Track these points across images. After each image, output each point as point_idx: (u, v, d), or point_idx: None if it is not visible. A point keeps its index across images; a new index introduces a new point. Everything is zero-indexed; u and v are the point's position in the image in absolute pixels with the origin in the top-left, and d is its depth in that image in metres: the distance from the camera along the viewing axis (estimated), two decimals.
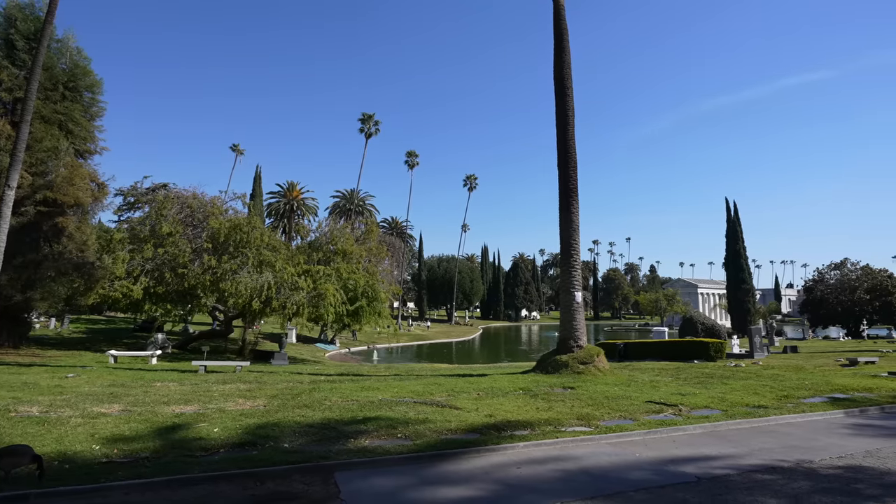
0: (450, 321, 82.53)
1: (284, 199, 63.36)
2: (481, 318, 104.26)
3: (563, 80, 17.66)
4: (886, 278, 49.52)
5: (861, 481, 6.17)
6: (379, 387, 12.89)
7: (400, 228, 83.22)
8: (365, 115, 62.14)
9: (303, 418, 8.73)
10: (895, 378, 15.82)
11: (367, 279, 25.19)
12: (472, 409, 9.83)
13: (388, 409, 9.71)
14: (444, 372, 19.06)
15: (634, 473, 6.41)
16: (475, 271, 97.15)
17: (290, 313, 22.03)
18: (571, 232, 16.62)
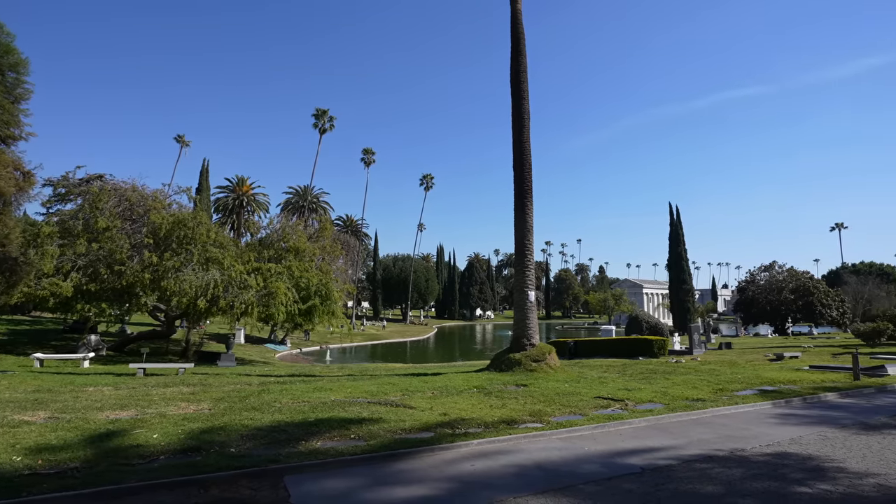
0: (405, 320, 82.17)
1: (233, 194, 60.86)
2: (436, 317, 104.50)
3: (519, 84, 17.97)
4: (808, 280, 53.84)
5: (787, 466, 6.66)
6: (332, 387, 12.63)
7: (355, 227, 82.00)
8: (319, 111, 60.71)
9: (251, 421, 8.40)
10: (816, 371, 17.23)
11: (321, 278, 24.61)
12: (426, 408, 9.81)
13: (342, 409, 9.52)
14: (399, 371, 18.94)
15: (584, 467, 6.61)
16: (431, 271, 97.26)
17: (238, 313, 21.16)
18: (526, 233, 16.95)
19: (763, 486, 5.81)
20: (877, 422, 9.64)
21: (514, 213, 17.36)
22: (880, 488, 5.77)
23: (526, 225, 17.01)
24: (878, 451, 7.45)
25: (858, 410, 10.91)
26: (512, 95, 18.11)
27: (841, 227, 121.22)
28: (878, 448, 7.60)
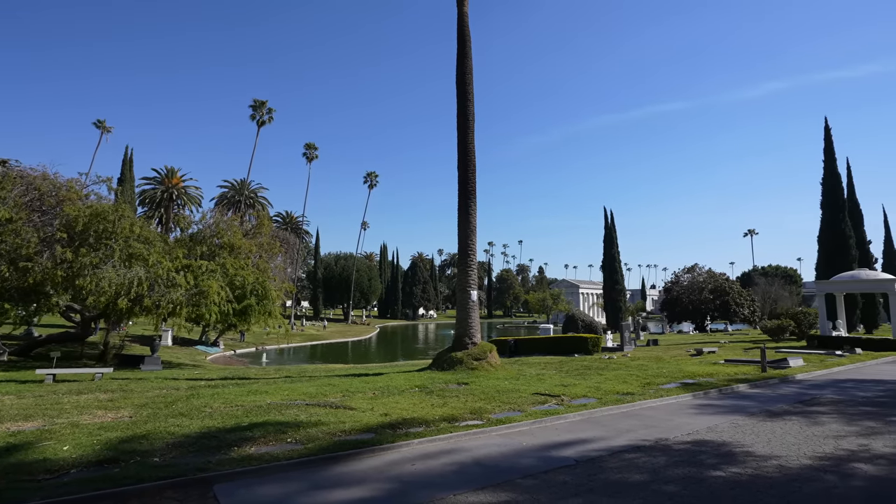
0: (346, 320, 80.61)
1: (162, 186, 56.95)
2: (379, 317, 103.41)
3: (464, 86, 18.17)
4: (724, 281, 58.56)
5: (704, 453, 7.20)
6: (268, 390, 12.14)
7: (295, 223, 79.40)
8: (257, 102, 58.11)
9: (178, 428, 7.90)
10: (730, 365, 18.77)
11: (258, 276, 23.58)
12: (367, 409, 9.68)
13: (278, 413, 9.18)
14: (340, 372, 18.55)
15: (522, 461, 6.80)
16: (374, 270, 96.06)
17: (165, 313, 19.77)
18: (469, 233, 17.16)
19: (683, 473, 6.25)
20: (779, 409, 10.66)
21: (457, 213, 17.53)
22: (781, 469, 6.39)
23: (469, 225, 17.23)
24: (780, 435, 8.24)
25: (765, 399, 12.01)
26: (457, 97, 18.27)
27: (753, 234, 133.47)
28: (780, 433, 8.40)
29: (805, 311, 36.73)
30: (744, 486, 5.76)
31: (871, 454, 7.13)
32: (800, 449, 7.36)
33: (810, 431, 8.52)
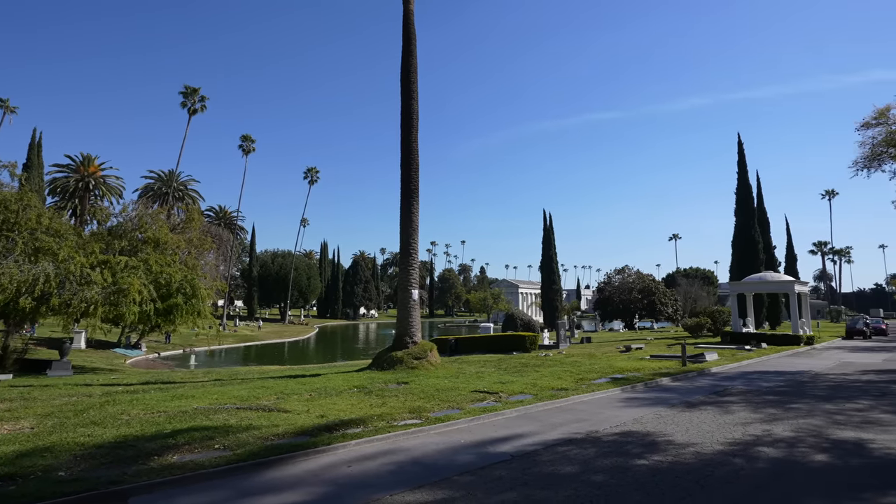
0: (283, 320, 77.75)
1: (77, 174, 52.15)
2: (318, 316, 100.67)
3: (409, 84, 18.08)
4: (651, 282, 62.50)
5: (630, 443, 7.62)
6: (194, 394, 11.43)
7: (229, 219, 75.48)
8: (188, 89, 54.57)
9: (89, 438, 7.23)
10: (655, 360, 20.04)
11: (186, 273, 22.13)
12: (302, 411, 9.38)
13: (205, 418, 8.66)
14: (274, 374, 17.84)
15: (460, 458, 6.85)
16: (313, 268, 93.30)
17: (77, 313, 18.07)
18: (411, 232, 17.10)
19: (611, 463, 6.58)
20: (696, 400, 11.51)
21: (400, 212, 17.42)
22: (697, 455, 6.89)
23: (412, 224, 17.17)
24: (697, 424, 8.89)
25: (684, 391, 12.92)
26: (402, 95, 18.15)
27: (677, 238, 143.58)
28: (697, 422, 9.07)
29: (720, 310, 39.95)
30: (665, 472, 6.15)
31: (773, 438, 7.87)
32: (713, 436, 7.98)
33: (722, 420, 9.26)
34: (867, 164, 19.35)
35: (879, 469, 6.41)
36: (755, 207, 48.88)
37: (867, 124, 19.36)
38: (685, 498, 5.32)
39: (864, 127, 19.49)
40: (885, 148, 18.96)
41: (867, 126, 19.38)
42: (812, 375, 16.19)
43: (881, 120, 18.97)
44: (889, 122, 18.73)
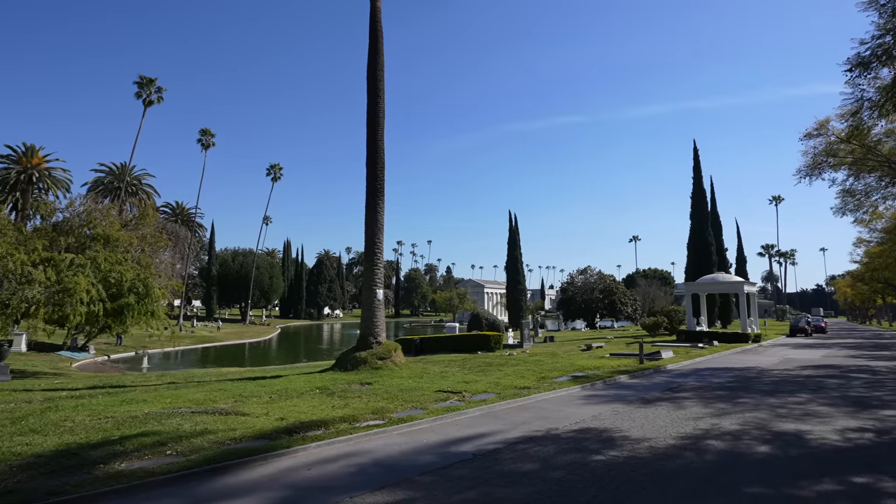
0: (244, 321, 75.54)
1: (19, 166, 48.96)
2: (280, 316, 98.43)
3: (375, 82, 17.93)
4: (612, 282, 64.44)
5: (588, 439, 7.82)
6: (146, 398, 10.95)
7: (187, 216, 72.76)
8: (144, 79, 52.15)
9: (27, 447, 6.81)
10: (614, 358, 20.65)
11: (139, 272, 21.17)
12: (261, 414, 9.14)
13: (157, 423, 8.31)
14: (233, 376, 17.31)
15: (422, 458, 6.85)
16: (276, 267, 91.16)
17: (17, 314, 17.01)
18: (376, 231, 16.97)
19: (570, 459, 6.73)
20: (652, 396, 11.94)
21: (365, 211, 17.25)
22: (651, 449, 7.15)
23: (377, 223, 17.04)
24: (652, 419, 9.23)
25: (641, 388, 13.37)
26: (368, 93, 17.98)
27: (636, 240, 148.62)
28: (652, 418, 9.41)
29: (676, 309, 41.53)
30: (620, 467, 6.35)
31: (721, 431, 8.26)
32: (667, 431, 8.30)
33: (676, 415, 9.65)
34: (809, 172, 20.63)
35: (815, 458, 6.84)
36: (709, 211, 51.17)
37: (809, 135, 20.64)
38: (639, 491, 5.51)
39: (807, 137, 20.78)
40: (825, 157, 20.26)
41: (809, 136, 20.66)
42: (758, 371, 17.07)
43: (821, 131, 20.27)
44: (828, 133, 20.04)
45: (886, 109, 13.14)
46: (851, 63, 12.58)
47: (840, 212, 22.42)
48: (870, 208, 22.64)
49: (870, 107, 13.38)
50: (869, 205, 22.06)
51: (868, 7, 12.51)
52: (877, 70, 12.59)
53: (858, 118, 14.45)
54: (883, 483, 5.78)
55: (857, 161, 19.76)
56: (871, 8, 12.43)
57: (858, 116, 14.24)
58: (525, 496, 5.36)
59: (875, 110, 13.39)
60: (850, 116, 15.09)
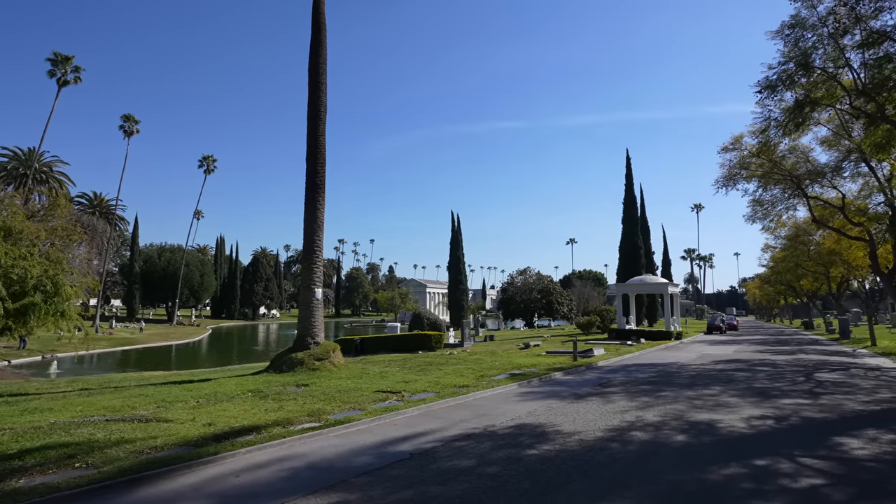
0: (171, 321, 70.82)
1: None
2: (212, 317, 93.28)
3: (317, 75, 17.47)
4: (550, 283, 66.77)
5: (523, 435, 8.06)
6: (53, 407, 10.00)
7: (106, 208, 67.16)
8: (59, 56, 47.40)
9: None
10: (550, 356, 21.40)
11: (47, 268, 19.17)
12: (187, 420, 8.62)
13: (64, 433, 7.61)
14: (156, 380, 16.19)
15: (358, 460, 6.75)
16: (208, 265, 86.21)
17: None
18: (316, 228, 16.53)
19: (505, 454, 6.91)
20: (584, 392, 12.51)
21: (304, 207, 16.77)
22: (581, 442, 7.49)
23: (317, 220, 16.60)
24: (583, 414, 9.67)
25: (574, 384, 13.96)
26: (309, 86, 17.49)
27: (573, 242, 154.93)
28: (583, 412, 9.86)
29: (608, 309, 43.75)
30: (552, 460, 6.60)
31: (644, 423, 8.81)
32: (596, 424, 8.73)
33: (604, 409, 10.17)
34: (725, 183, 22.50)
35: (725, 444, 7.47)
36: (639, 217, 54.39)
37: (725, 149, 22.56)
38: (569, 483, 5.76)
39: (724, 151, 22.69)
40: (739, 170, 22.21)
41: (726, 150, 22.57)
42: (679, 366, 18.37)
43: (736, 146, 22.21)
44: (742, 148, 22.00)
45: (789, 129, 14.64)
46: (761, 85, 13.90)
47: (751, 220, 24.63)
48: (775, 217, 25.04)
49: (776, 125, 14.84)
50: (774, 214, 24.39)
51: (775, 36, 13.89)
52: (782, 93, 14.01)
53: (766, 135, 15.98)
54: (780, 464, 6.41)
55: (766, 174, 21.79)
56: (777, 37, 13.81)
57: (766, 134, 15.74)
58: (461, 492, 5.44)
59: (780, 129, 14.88)
60: (759, 133, 16.64)
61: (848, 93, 13.78)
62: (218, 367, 25.19)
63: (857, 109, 14.22)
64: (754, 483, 5.72)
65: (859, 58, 12.82)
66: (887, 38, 11.65)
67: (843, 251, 30.04)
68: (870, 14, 11.86)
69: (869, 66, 12.34)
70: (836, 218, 22.93)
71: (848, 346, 27.11)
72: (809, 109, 14.23)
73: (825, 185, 22.12)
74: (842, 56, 13.24)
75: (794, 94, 14.12)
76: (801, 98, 13.93)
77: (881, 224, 21.10)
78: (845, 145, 19.64)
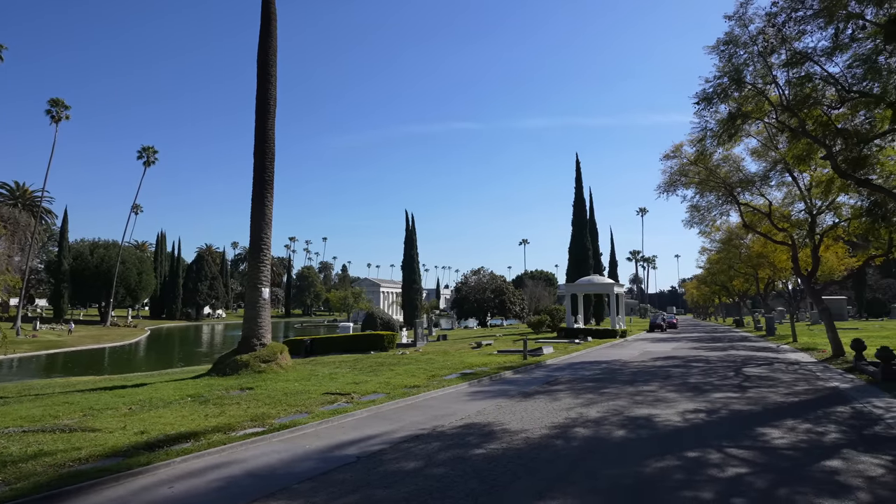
0: (104, 322, 66.25)
1: None
2: (151, 317, 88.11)
3: (267, 67, 16.89)
4: (503, 283, 67.87)
5: (471, 434, 8.13)
6: None
7: (31, 199, 62.07)
8: None
9: None
10: (501, 355, 21.74)
11: None
12: (117, 429, 8.09)
13: None
14: (85, 386, 15.08)
15: (302, 465, 6.57)
16: (146, 262, 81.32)
17: None
18: (263, 225, 15.98)
19: (452, 455, 6.94)
20: (532, 390, 12.79)
21: (251, 203, 16.16)
22: (527, 440, 7.65)
23: (265, 217, 16.05)
24: (530, 412, 9.88)
25: (523, 383, 14.25)
26: (258, 78, 16.88)
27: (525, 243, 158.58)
28: (531, 410, 10.08)
29: (557, 308, 44.99)
30: (499, 459, 6.69)
31: (586, 419, 9.12)
32: (542, 422, 8.94)
33: (551, 406, 10.44)
34: (667, 188, 23.70)
35: (661, 438, 7.85)
36: (588, 219, 56.32)
37: (667, 156, 23.77)
38: (514, 481, 5.85)
39: (665, 158, 23.89)
40: (679, 177, 23.46)
41: (667, 157, 23.78)
42: (622, 364, 19.17)
43: (676, 154, 23.45)
44: (681, 156, 23.25)
45: (723, 139, 15.62)
46: (699, 97, 14.74)
47: (689, 224, 26.07)
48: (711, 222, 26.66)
49: (711, 136, 15.77)
50: (710, 219, 25.96)
51: (712, 52, 14.77)
52: (717, 105, 14.92)
53: (703, 145, 16.97)
54: (709, 455, 6.81)
55: (703, 181, 23.14)
56: (713, 53, 14.70)
57: (703, 143, 16.71)
58: (407, 495, 5.40)
59: (715, 139, 15.83)
60: (697, 143, 17.65)
61: (774, 108, 14.86)
62: (156, 371, 23.81)
63: (782, 123, 15.38)
64: (686, 474, 6.04)
65: (785, 76, 13.86)
66: (808, 58, 12.67)
67: (769, 254, 32.42)
68: (794, 36, 12.85)
69: (792, 83, 13.37)
70: (764, 223, 24.69)
71: (773, 343, 29.29)
72: (741, 122, 15.22)
73: (755, 192, 23.75)
74: (769, 73, 14.27)
75: (727, 107, 15.07)
76: (733, 111, 14.88)
77: (802, 230, 22.93)
78: (772, 156, 21.19)
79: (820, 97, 13.05)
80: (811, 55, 12.71)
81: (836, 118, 13.45)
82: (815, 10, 11.91)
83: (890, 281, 67.19)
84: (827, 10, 11.53)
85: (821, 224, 22.17)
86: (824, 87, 13.03)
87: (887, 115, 11.75)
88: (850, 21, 11.44)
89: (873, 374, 13.55)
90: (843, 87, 12.18)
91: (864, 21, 11.31)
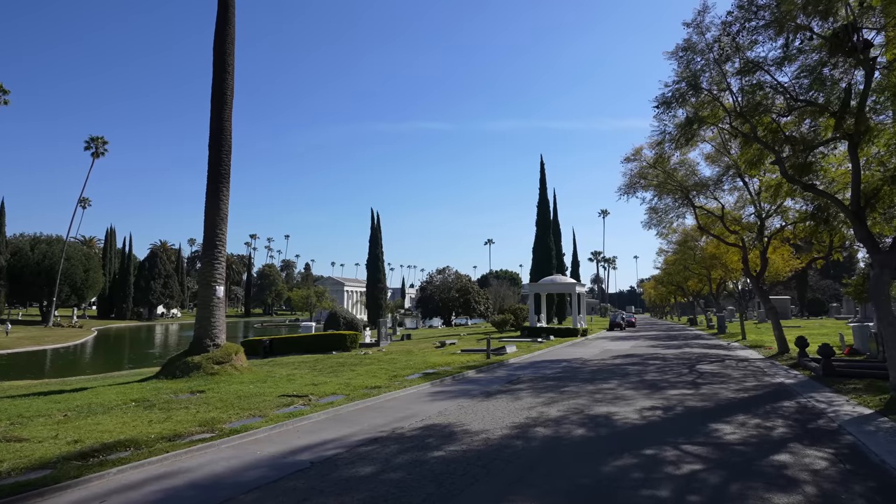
0: (46, 322, 62.23)
1: None
2: (99, 317, 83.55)
3: (224, 56, 16.15)
4: (468, 282, 68.10)
5: (431, 436, 7.96)
6: None
7: None
8: None
9: None
10: (465, 354, 21.69)
11: None
12: (47, 438, 7.47)
13: None
14: (17, 391, 13.98)
15: (250, 473, 6.22)
16: (94, 259, 76.96)
17: None
18: (218, 221, 15.29)
19: (410, 458, 6.74)
20: (494, 390, 12.74)
21: (206, 198, 15.44)
22: (486, 441, 7.55)
23: (220, 212, 15.36)
24: (492, 412, 9.80)
25: (485, 382, 14.20)
26: (214, 67, 16.13)
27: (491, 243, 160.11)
28: (492, 410, 10.00)
29: (521, 308, 45.47)
30: (458, 461, 6.55)
31: (547, 419, 9.12)
32: (503, 422, 8.87)
33: (512, 406, 10.40)
34: (627, 190, 24.29)
35: (619, 436, 7.92)
36: (552, 220, 57.26)
37: (628, 159, 24.37)
38: (473, 484, 5.72)
39: (626, 161, 24.49)
40: (639, 179, 24.10)
41: (628, 160, 24.38)
42: (582, 362, 19.47)
43: (636, 157, 24.09)
44: (641, 159, 23.90)
45: (680, 143, 16.08)
46: (658, 101, 15.10)
47: (647, 225, 26.81)
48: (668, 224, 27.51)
49: (670, 139, 16.22)
50: (667, 221, 26.79)
51: (671, 57, 15.18)
52: (675, 110, 15.34)
53: (662, 148, 17.44)
54: (665, 453, 6.90)
55: (661, 184, 23.85)
56: (673, 58, 15.11)
57: (662, 146, 17.17)
58: (360, 502, 5.18)
59: (673, 143, 16.28)
60: (656, 146, 18.14)
61: (728, 114, 15.41)
62: (101, 375, 22.45)
63: (735, 129, 15.96)
64: (643, 472, 6.08)
65: (738, 83, 14.37)
66: (760, 67, 13.18)
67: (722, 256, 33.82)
68: (747, 45, 13.34)
69: (745, 91, 13.88)
70: (717, 226, 25.69)
71: (724, 340, 30.56)
72: (697, 126, 15.70)
73: (709, 196, 24.71)
74: (724, 80, 14.77)
75: (685, 112, 15.51)
76: (691, 115, 15.33)
77: (752, 233, 23.99)
78: (725, 161, 22.07)
79: (770, 105, 13.60)
80: (762, 64, 13.22)
81: (784, 125, 14.06)
82: (766, 20, 12.39)
83: (828, 282, 71.68)
84: (777, 22, 12.00)
85: (769, 227, 23.26)
86: (774, 96, 13.58)
87: (830, 123, 12.34)
88: (798, 32, 11.96)
89: (815, 370, 14.26)
90: (791, 96, 12.72)
91: (812, 33, 11.85)
